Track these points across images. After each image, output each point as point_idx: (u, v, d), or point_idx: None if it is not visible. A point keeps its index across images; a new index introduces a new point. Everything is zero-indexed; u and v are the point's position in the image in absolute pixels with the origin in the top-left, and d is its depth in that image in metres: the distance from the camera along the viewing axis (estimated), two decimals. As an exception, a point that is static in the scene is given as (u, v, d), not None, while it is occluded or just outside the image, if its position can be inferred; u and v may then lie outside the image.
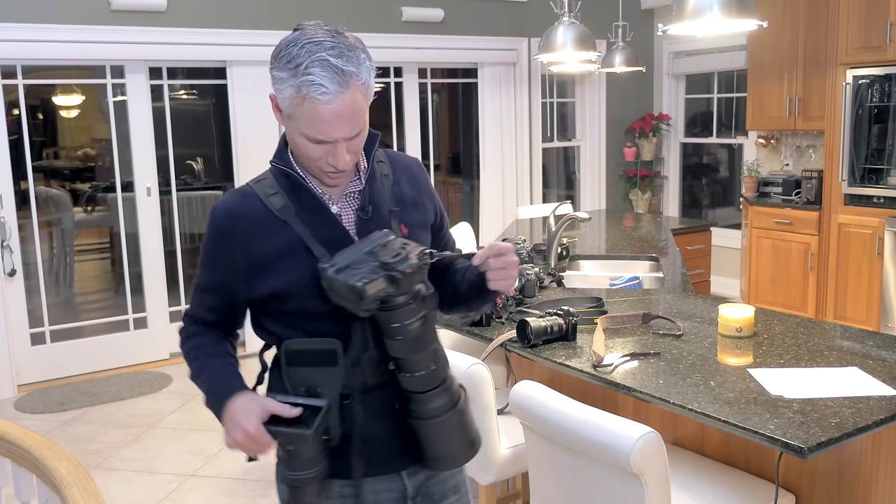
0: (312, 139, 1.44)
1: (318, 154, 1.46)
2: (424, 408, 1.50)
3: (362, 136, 1.50)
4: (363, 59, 1.45)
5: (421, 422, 1.51)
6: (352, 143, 1.47)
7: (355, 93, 1.42)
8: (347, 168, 1.49)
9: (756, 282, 6.19)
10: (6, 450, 2.00)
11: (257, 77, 5.72)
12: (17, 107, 5.15)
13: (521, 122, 7.00)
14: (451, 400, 1.52)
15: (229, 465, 3.92)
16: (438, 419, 1.51)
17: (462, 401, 1.55)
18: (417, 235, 1.61)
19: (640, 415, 2.60)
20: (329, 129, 1.42)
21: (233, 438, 1.47)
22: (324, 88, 1.39)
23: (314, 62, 1.39)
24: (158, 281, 5.64)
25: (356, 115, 1.44)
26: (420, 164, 1.73)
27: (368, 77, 1.46)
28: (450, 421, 1.52)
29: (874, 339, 2.50)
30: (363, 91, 1.44)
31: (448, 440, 1.53)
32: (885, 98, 5.23)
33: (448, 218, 1.81)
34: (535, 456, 2.15)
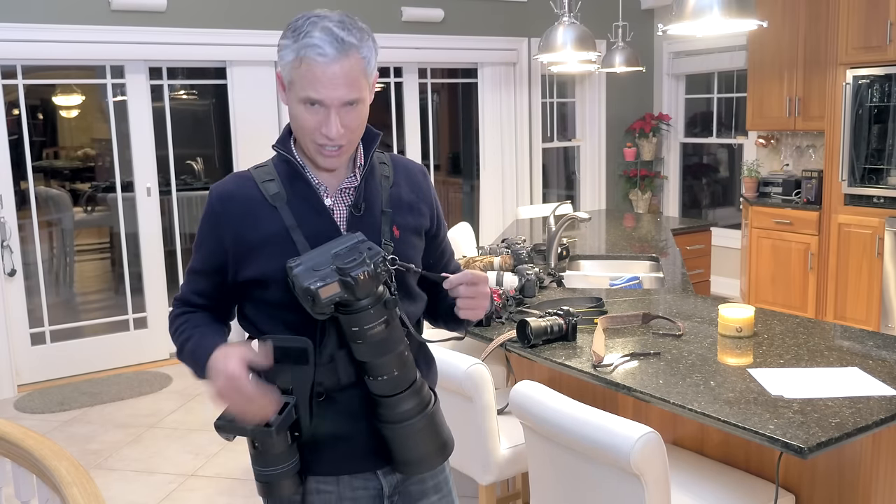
0: (306, 101, 1.47)
1: (313, 124, 1.48)
2: (392, 412, 1.49)
3: (359, 113, 1.50)
4: (368, 40, 1.49)
5: (388, 425, 1.50)
6: (347, 115, 1.48)
7: (354, 63, 1.46)
8: (341, 142, 1.49)
9: (756, 282, 6.19)
10: (6, 450, 2.00)
11: (257, 77, 5.72)
12: (17, 107, 5.15)
13: (521, 122, 7.00)
14: (420, 404, 1.50)
15: (229, 465, 3.92)
16: (406, 423, 1.49)
17: (432, 405, 1.53)
18: (408, 240, 1.60)
19: (640, 415, 2.60)
20: (322, 88, 1.44)
21: (215, 388, 1.43)
22: (320, 49, 1.43)
23: (316, 28, 1.45)
24: (158, 281, 5.64)
25: (352, 84, 1.46)
26: (424, 170, 1.73)
27: (371, 56, 1.50)
28: (418, 425, 1.50)
29: (874, 339, 2.50)
30: (363, 66, 1.48)
31: (417, 444, 1.52)
32: (885, 98, 5.23)
33: (446, 226, 1.79)
34: (535, 456, 2.15)
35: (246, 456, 4.01)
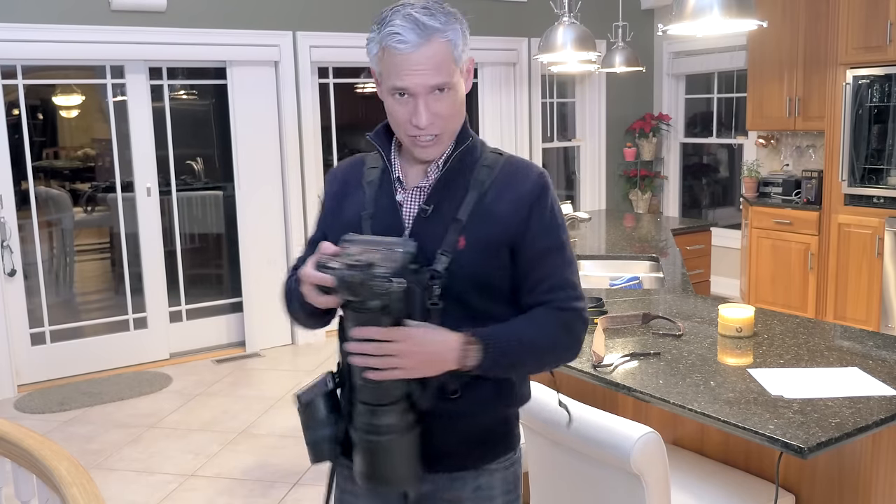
0: (394, 90, 1.46)
1: (404, 115, 1.47)
2: (365, 420, 1.42)
3: (450, 100, 1.48)
4: (455, 24, 1.47)
5: (358, 433, 1.44)
6: (437, 103, 1.46)
7: (438, 47, 1.43)
8: (433, 131, 1.48)
9: (756, 282, 6.19)
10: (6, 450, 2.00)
11: (257, 77, 5.72)
12: (17, 107, 5.15)
13: (521, 122, 7.00)
14: (399, 426, 1.42)
15: (229, 465, 3.92)
16: (369, 437, 1.43)
17: (398, 436, 1.43)
18: (477, 253, 1.48)
19: (640, 415, 2.60)
20: (406, 76, 1.43)
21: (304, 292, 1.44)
22: (401, 37, 1.41)
23: (398, 16, 1.43)
24: (158, 281, 5.64)
25: (439, 68, 1.44)
26: (540, 182, 1.53)
27: (458, 40, 1.47)
28: (375, 443, 1.42)
29: (874, 339, 2.50)
30: (449, 50, 1.45)
31: (368, 461, 1.45)
32: (885, 98, 5.23)
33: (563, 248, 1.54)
34: (535, 456, 2.15)
35: (246, 456, 4.01)
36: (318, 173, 6.08)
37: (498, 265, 1.51)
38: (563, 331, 1.52)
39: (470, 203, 1.50)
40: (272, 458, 3.99)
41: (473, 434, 1.56)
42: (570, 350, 1.55)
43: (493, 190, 1.52)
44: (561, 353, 1.55)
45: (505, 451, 1.61)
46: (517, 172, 1.54)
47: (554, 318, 1.51)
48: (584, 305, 1.56)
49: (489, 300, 1.52)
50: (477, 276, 1.49)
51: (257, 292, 5.76)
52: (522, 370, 1.57)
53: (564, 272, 1.54)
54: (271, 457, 4.00)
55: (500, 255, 1.51)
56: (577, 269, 1.60)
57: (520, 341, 1.48)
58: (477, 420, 1.55)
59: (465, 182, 1.52)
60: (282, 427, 4.36)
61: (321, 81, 6.07)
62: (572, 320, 1.53)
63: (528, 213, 1.51)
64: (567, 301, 1.52)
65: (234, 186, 5.81)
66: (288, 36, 5.79)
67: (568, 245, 1.56)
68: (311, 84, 5.93)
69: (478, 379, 1.49)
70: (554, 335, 1.52)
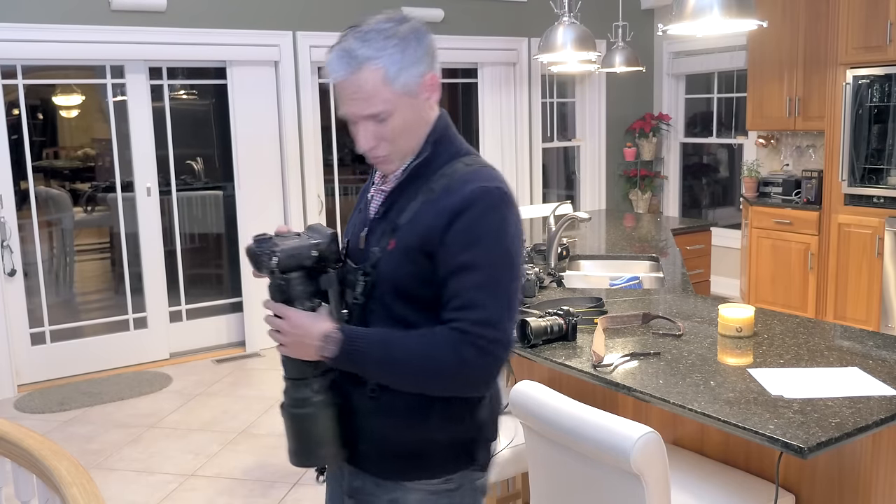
0: (340, 114, 1.55)
1: (355, 137, 1.55)
2: (289, 396, 1.56)
3: (392, 125, 1.50)
4: (392, 48, 1.46)
5: (285, 410, 1.57)
6: (378, 127, 1.50)
7: (367, 76, 1.46)
8: (377, 153, 1.54)
9: (756, 282, 6.19)
10: (6, 450, 2.00)
11: (257, 77, 5.72)
12: (17, 107, 5.15)
13: (521, 122, 7.00)
14: (317, 400, 1.52)
15: (229, 465, 3.92)
16: (291, 410, 1.55)
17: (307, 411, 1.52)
18: (400, 257, 1.49)
19: (640, 415, 2.60)
20: (343, 105, 1.51)
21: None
22: (332, 67, 1.48)
23: (338, 45, 1.49)
24: (158, 281, 5.65)
25: (369, 99, 1.47)
26: (472, 201, 1.46)
27: (394, 65, 1.46)
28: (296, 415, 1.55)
29: (874, 339, 2.50)
30: (380, 76, 1.46)
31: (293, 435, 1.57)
32: (885, 98, 5.23)
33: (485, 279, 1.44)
34: (535, 456, 2.15)
35: (246, 456, 4.01)
36: (318, 173, 6.08)
37: (416, 273, 1.48)
38: (448, 353, 1.41)
39: (412, 209, 1.52)
40: (272, 458, 3.99)
41: (391, 443, 1.54)
42: (455, 377, 1.44)
43: (435, 199, 1.50)
44: (440, 376, 1.44)
45: (427, 474, 1.56)
46: (462, 184, 1.49)
47: (443, 339, 1.42)
48: (491, 335, 1.41)
49: (409, 307, 1.50)
50: (397, 280, 1.50)
51: (257, 292, 5.76)
52: (387, 379, 1.49)
53: (476, 293, 1.42)
54: (271, 457, 4.00)
55: (419, 262, 1.47)
56: (507, 299, 1.45)
57: (386, 349, 1.45)
58: (396, 430, 1.53)
59: (418, 189, 1.54)
60: (282, 427, 4.35)
61: (321, 81, 6.07)
62: (463, 344, 1.41)
63: (447, 224, 1.45)
64: (466, 324, 1.41)
65: (234, 186, 5.81)
66: (288, 36, 5.79)
67: (495, 270, 1.44)
68: (311, 84, 5.93)
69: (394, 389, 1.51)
70: (432, 355, 1.43)
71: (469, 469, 1.60)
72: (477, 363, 1.42)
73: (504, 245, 1.46)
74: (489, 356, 1.42)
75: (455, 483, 1.58)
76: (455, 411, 1.54)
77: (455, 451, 1.57)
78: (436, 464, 1.56)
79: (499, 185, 1.50)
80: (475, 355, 1.41)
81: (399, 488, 1.56)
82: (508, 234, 1.47)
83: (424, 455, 1.55)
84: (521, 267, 1.51)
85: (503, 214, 1.47)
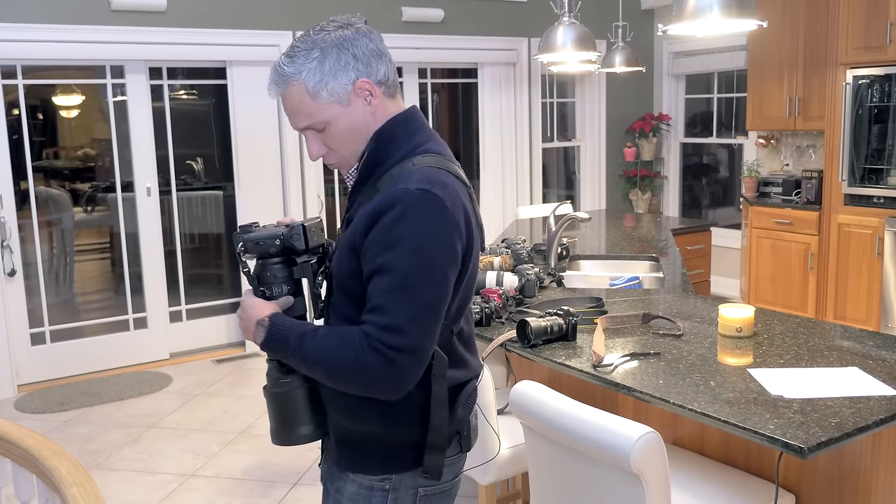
0: None
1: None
2: (269, 376, 1.62)
3: (332, 132, 1.55)
4: (313, 61, 1.51)
5: (267, 391, 1.63)
6: (321, 135, 1.57)
7: (292, 91, 1.53)
8: (329, 160, 1.61)
9: (756, 282, 6.19)
10: (6, 450, 2.00)
11: (257, 77, 5.72)
12: (17, 107, 5.15)
13: (521, 122, 7.00)
14: (284, 380, 1.59)
15: (229, 465, 3.92)
16: (270, 389, 1.61)
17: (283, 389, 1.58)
18: (340, 253, 1.54)
19: (640, 415, 2.60)
20: (288, 118, 1.59)
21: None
22: (268, 85, 1.58)
23: (276, 62, 1.58)
24: (158, 281, 5.65)
25: (296, 113, 1.55)
26: (394, 195, 1.44)
27: (311, 79, 1.51)
28: (275, 394, 1.60)
29: (874, 339, 2.50)
30: (305, 89, 1.52)
31: (273, 414, 1.62)
32: (885, 98, 5.23)
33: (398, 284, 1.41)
34: (535, 456, 2.15)
35: (246, 456, 4.01)
36: (318, 173, 6.08)
37: (350, 270, 1.50)
38: (349, 354, 1.41)
39: (357, 208, 1.57)
40: (272, 458, 3.99)
41: (341, 432, 1.59)
42: (355, 378, 1.43)
43: (371, 198, 1.51)
44: (341, 375, 1.44)
45: (363, 468, 1.57)
46: (393, 184, 1.47)
47: (350, 339, 1.42)
48: (391, 341, 1.39)
49: (350, 304, 1.52)
50: (339, 276, 1.55)
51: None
52: (304, 372, 1.54)
53: (385, 298, 1.41)
54: (271, 457, 4.00)
55: (352, 260, 1.49)
56: (417, 305, 1.41)
57: (300, 343, 1.48)
58: (344, 419, 1.57)
59: (369, 189, 1.56)
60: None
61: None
62: (364, 347, 1.40)
63: (368, 224, 1.45)
64: (370, 326, 1.41)
65: (234, 186, 5.81)
66: (288, 36, 5.79)
67: (408, 275, 1.40)
68: (311, 84, 5.92)
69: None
70: (336, 354, 1.43)
71: (411, 473, 1.57)
72: (376, 368, 1.40)
73: (424, 249, 1.41)
74: (389, 363, 1.40)
75: (393, 484, 1.57)
76: (394, 411, 1.52)
77: (394, 450, 1.56)
78: (373, 460, 1.57)
79: (425, 186, 1.44)
80: (374, 360, 1.40)
81: (343, 478, 1.60)
82: (431, 238, 1.42)
83: (363, 449, 1.57)
84: (446, 273, 1.45)
85: (427, 217, 1.42)
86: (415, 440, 1.55)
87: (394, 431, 1.54)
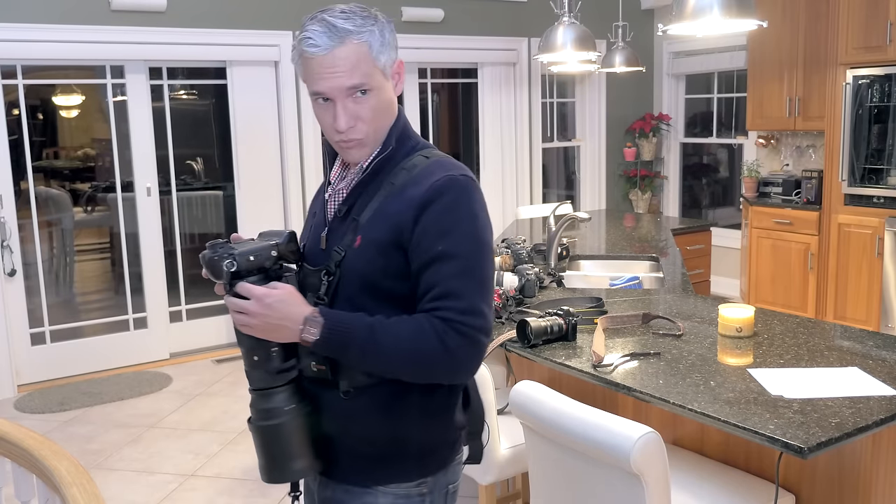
0: (315, 94, 1.47)
1: (327, 119, 1.49)
2: (256, 408, 1.49)
3: (371, 102, 1.47)
4: (373, 27, 1.46)
5: (253, 425, 1.50)
6: (358, 106, 1.47)
7: (352, 48, 1.43)
8: (354, 135, 1.48)
9: (756, 282, 6.19)
10: (6, 450, 2.00)
11: (257, 77, 5.72)
12: (17, 107, 5.15)
13: (521, 122, 7.00)
14: (285, 410, 1.46)
15: (229, 465, 3.92)
16: (258, 423, 1.48)
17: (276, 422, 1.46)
18: (367, 253, 1.47)
19: (640, 415, 2.60)
20: (321, 80, 1.44)
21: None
22: (312, 41, 1.43)
23: (314, 22, 1.45)
24: (158, 281, 5.65)
25: (353, 69, 1.43)
26: (438, 184, 1.46)
27: (375, 42, 1.46)
28: (265, 428, 1.47)
29: (874, 339, 2.50)
30: (365, 50, 1.44)
31: (262, 450, 1.49)
32: (885, 98, 5.23)
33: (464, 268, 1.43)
34: (535, 456, 2.15)
35: (246, 456, 4.01)
36: (318, 173, 6.08)
37: (387, 267, 1.46)
38: (434, 341, 1.39)
39: (374, 205, 1.49)
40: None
41: (364, 446, 1.51)
42: (440, 364, 1.41)
43: (400, 191, 1.48)
44: (426, 363, 1.41)
45: (400, 477, 1.52)
46: (426, 175, 1.48)
47: (428, 326, 1.40)
48: (474, 323, 1.41)
49: (381, 304, 1.46)
50: (366, 276, 1.47)
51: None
52: (368, 365, 1.44)
53: (456, 283, 1.41)
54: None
55: (391, 257, 1.45)
56: (484, 287, 1.45)
57: (372, 334, 1.40)
58: (370, 430, 1.49)
59: (379, 185, 1.51)
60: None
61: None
62: (448, 333, 1.39)
63: (416, 214, 1.44)
64: (449, 311, 1.40)
65: (234, 186, 5.81)
66: (288, 36, 5.79)
67: (472, 258, 1.44)
68: (311, 84, 5.93)
69: (371, 388, 1.48)
70: (419, 343, 1.40)
71: (443, 471, 1.56)
72: (462, 351, 1.41)
73: (477, 232, 1.46)
74: (474, 344, 1.42)
75: (428, 487, 1.54)
76: (433, 408, 1.52)
77: (431, 452, 1.54)
78: (410, 466, 1.52)
79: (464, 172, 1.50)
80: (460, 343, 1.40)
81: (369, 493, 1.51)
82: (479, 221, 1.48)
83: (399, 456, 1.51)
84: (493, 252, 1.51)
85: (473, 201, 1.48)
86: (445, 438, 1.55)
87: (430, 430, 1.53)
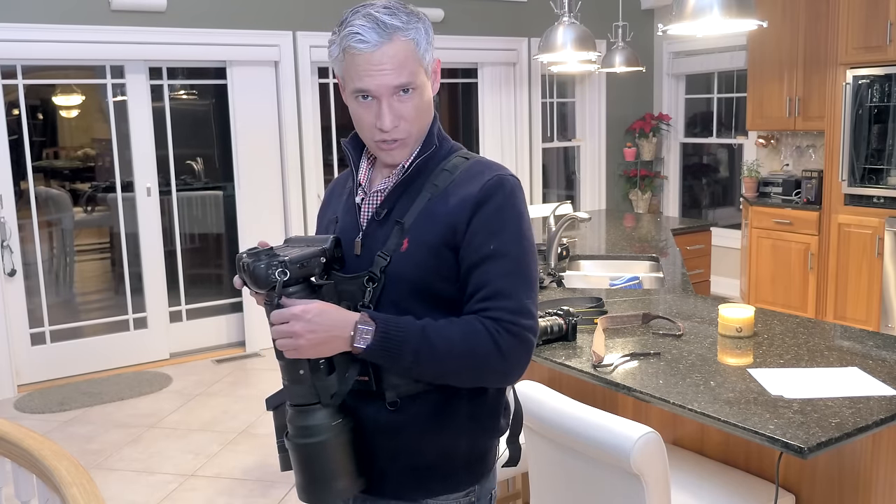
0: (357, 92, 1.43)
1: (368, 118, 1.44)
2: (296, 424, 1.42)
3: (415, 101, 1.44)
4: (418, 24, 1.43)
5: (291, 441, 1.43)
6: (402, 105, 1.43)
7: (400, 45, 1.40)
8: (397, 135, 1.45)
9: (756, 282, 6.19)
10: (6, 450, 2.00)
11: (257, 77, 5.72)
12: (17, 107, 5.15)
13: (521, 122, 7.00)
14: (328, 426, 1.40)
15: (229, 465, 3.92)
16: (297, 440, 1.42)
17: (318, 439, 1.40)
18: (417, 256, 1.44)
19: (640, 415, 2.60)
20: (368, 77, 1.40)
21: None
22: (361, 37, 1.39)
23: (358, 17, 1.41)
24: (158, 281, 5.65)
25: (401, 67, 1.40)
26: (492, 188, 1.45)
27: (421, 39, 1.43)
28: (306, 446, 1.41)
29: (874, 339, 2.50)
30: (412, 48, 1.42)
31: (302, 468, 1.43)
32: (885, 98, 5.23)
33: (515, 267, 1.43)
34: (535, 456, 2.15)
35: (246, 456, 4.01)
36: (318, 173, 6.08)
37: (438, 269, 1.44)
38: (488, 342, 1.37)
39: (419, 206, 1.46)
40: (272, 458, 3.98)
41: (412, 459, 1.47)
42: (493, 365, 1.39)
43: (445, 193, 1.46)
44: (480, 365, 1.39)
45: (450, 487, 1.49)
46: (473, 176, 1.47)
47: (480, 327, 1.38)
48: (525, 323, 1.40)
49: (429, 308, 1.43)
50: (415, 280, 1.43)
51: (257, 292, 5.75)
52: (423, 370, 1.40)
53: (506, 282, 1.40)
54: (271, 457, 4.00)
55: (442, 258, 1.43)
56: (532, 286, 1.44)
57: (425, 338, 1.37)
58: (417, 443, 1.46)
59: (422, 186, 1.49)
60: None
61: (321, 81, 6.07)
62: (500, 333, 1.38)
63: (470, 214, 1.43)
64: (501, 312, 1.39)
65: (234, 186, 5.81)
66: (288, 36, 5.79)
67: (521, 257, 1.43)
68: (311, 84, 5.93)
69: (419, 396, 1.45)
70: (473, 345, 1.37)
71: (487, 477, 1.55)
72: (514, 351, 1.39)
73: (524, 231, 1.46)
74: (524, 343, 1.40)
75: (476, 494, 1.53)
76: (480, 413, 1.50)
77: (480, 458, 1.52)
78: (460, 475, 1.50)
79: (511, 172, 1.51)
80: (513, 344, 1.39)
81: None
82: (526, 220, 1.48)
83: (448, 466, 1.48)
84: (537, 252, 1.51)
85: (520, 201, 1.48)
86: (488, 444, 1.54)
87: (477, 437, 1.51)
